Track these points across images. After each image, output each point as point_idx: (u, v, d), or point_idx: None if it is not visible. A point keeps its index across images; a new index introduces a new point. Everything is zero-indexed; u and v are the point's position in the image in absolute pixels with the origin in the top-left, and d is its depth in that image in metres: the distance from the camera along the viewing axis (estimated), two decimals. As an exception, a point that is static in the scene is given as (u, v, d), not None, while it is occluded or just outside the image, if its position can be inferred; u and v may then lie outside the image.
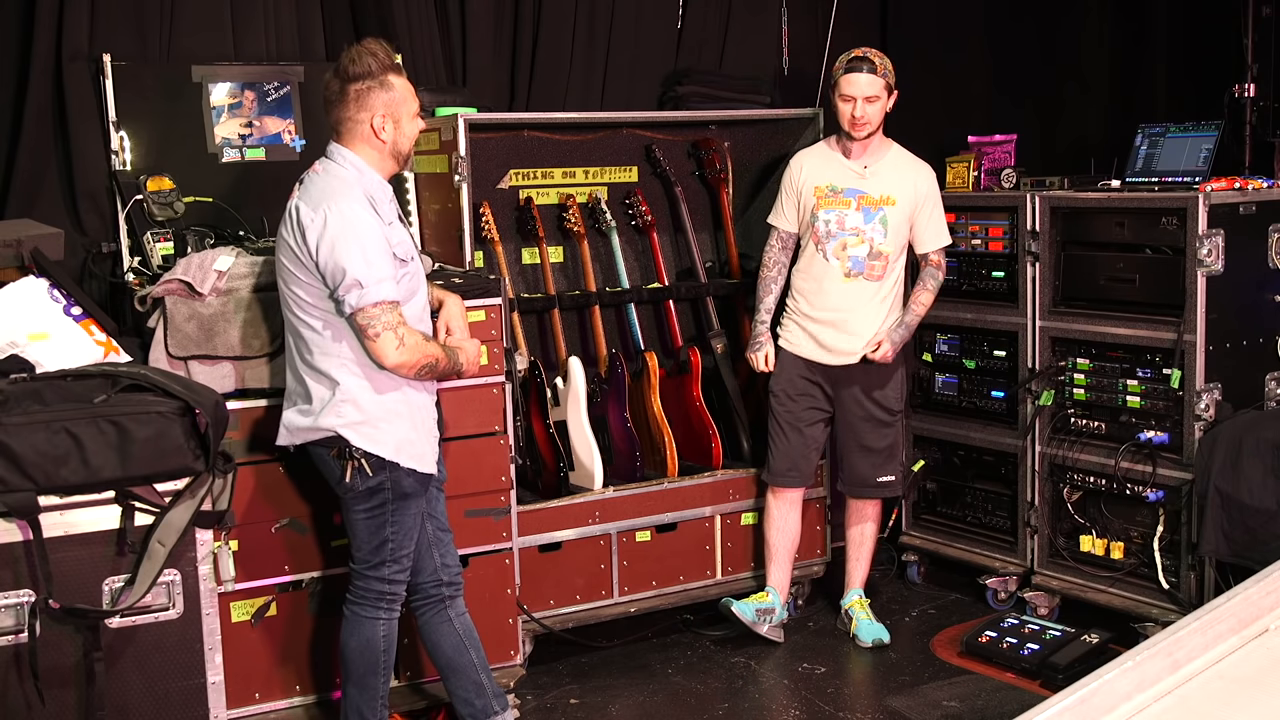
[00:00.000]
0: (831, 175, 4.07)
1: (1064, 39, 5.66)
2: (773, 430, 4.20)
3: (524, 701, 3.78)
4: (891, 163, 4.07)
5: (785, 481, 4.21)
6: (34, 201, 3.87)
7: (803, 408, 4.14)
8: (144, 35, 4.03)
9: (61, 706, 2.86)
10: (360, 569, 3.15)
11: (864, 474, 4.18)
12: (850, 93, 3.95)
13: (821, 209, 4.04)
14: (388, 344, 2.95)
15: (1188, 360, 3.84)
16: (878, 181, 4.03)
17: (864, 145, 4.04)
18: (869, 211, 4.01)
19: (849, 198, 4.03)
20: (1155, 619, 3.91)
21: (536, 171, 4.54)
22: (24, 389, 2.90)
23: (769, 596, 4.22)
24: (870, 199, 4.02)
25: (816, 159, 4.13)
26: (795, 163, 4.17)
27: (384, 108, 3.03)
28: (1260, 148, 4.75)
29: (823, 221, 4.04)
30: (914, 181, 4.06)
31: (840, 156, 4.08)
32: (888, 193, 4.02)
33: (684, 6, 5.01)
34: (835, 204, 4.03)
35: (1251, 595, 2.15)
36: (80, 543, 2.88)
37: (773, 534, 4.25)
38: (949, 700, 3.76)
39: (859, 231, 4.01)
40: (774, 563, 4.26)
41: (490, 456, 3.70)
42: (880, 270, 4.03)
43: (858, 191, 4.03)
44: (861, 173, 4.04)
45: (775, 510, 4.24)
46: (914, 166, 4.10)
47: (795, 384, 4.14)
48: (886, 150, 4.09)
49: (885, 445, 4.17)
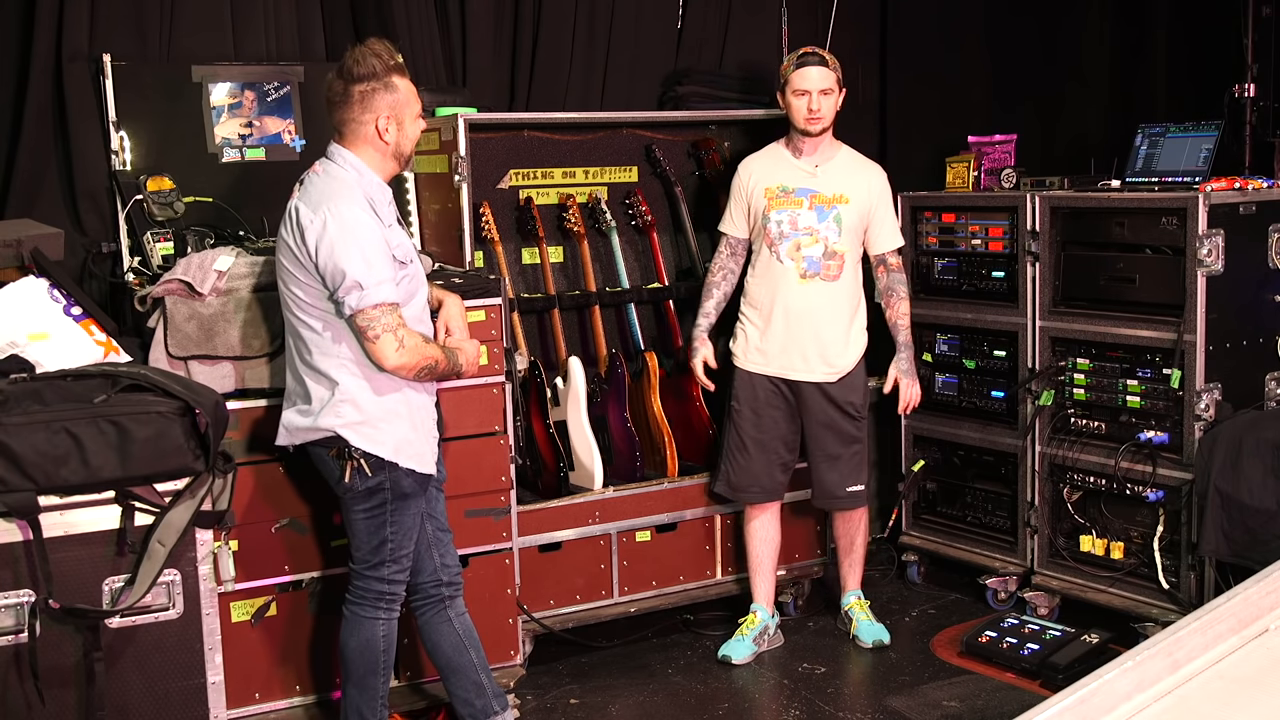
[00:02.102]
0: (782, 176, 4.02)
1: (1064, 39, 5.65)
2: (733, 443, 4.10)
3: (524, 701, 3.78)
4: (842, 162, 4.04)
5: (747, 497, 4.13)
6: (34, 201, 3.87)
7: (767, 423, 4.06)
8: (144, 35, 4.03)
9: (61, 706, 2.86)
10: (360, 569, 3.15)
11: (831, 485, 4.09)
12: (804, 86, 3.92)
13: (773, 210, 3.99)
14: (387, 346, 2.95)
15: (1188, 360, 3.84)
16: (830, 180, 3.99)
17: (815, 145, 4.00)
18: (822, 210, 3.96)
19: (801, 197, 3.98)
20: (1155, 619, 3.91)
21: (536, 171, 4.54)
22: (24, 389, 2.90)
23: (757, 617, 4.16)
24: (823, 197, 3.97)
25: (765, 161, 4.09)
26: (743, 167, 4.12)
27: (388, 109, 3.03)
28: (1260, 148, 4.75)
29: (775, 223, 3.99)
30: (867, 180, 4.02)
31: (790, 157, 4.04)
32: (840, 191, 3.97)
33: (684, 6, 5.02)
34: (787, 204, 3.99)
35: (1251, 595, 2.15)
36: (80, 543, 2.88)
37: (755, 544, 4.19)
38: (949, 700, 3.76)
39: (812, 231, 3.96)
40: (758, 574, 4.20)
41: (490, 456, 3.70)
42: (836, 270, 3.96)
43: (810, 190, 3.98)
44: (813, 171, 4.00)
45: (755, 522, 4.18)
46: (865, 166, 4.07)
47: (759, 398, 4.06)
48: (836, 150, 4.06)
49: (851, 452, 4.07)
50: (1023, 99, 5.57)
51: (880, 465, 5.13)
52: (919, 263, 4.68)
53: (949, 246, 4.59)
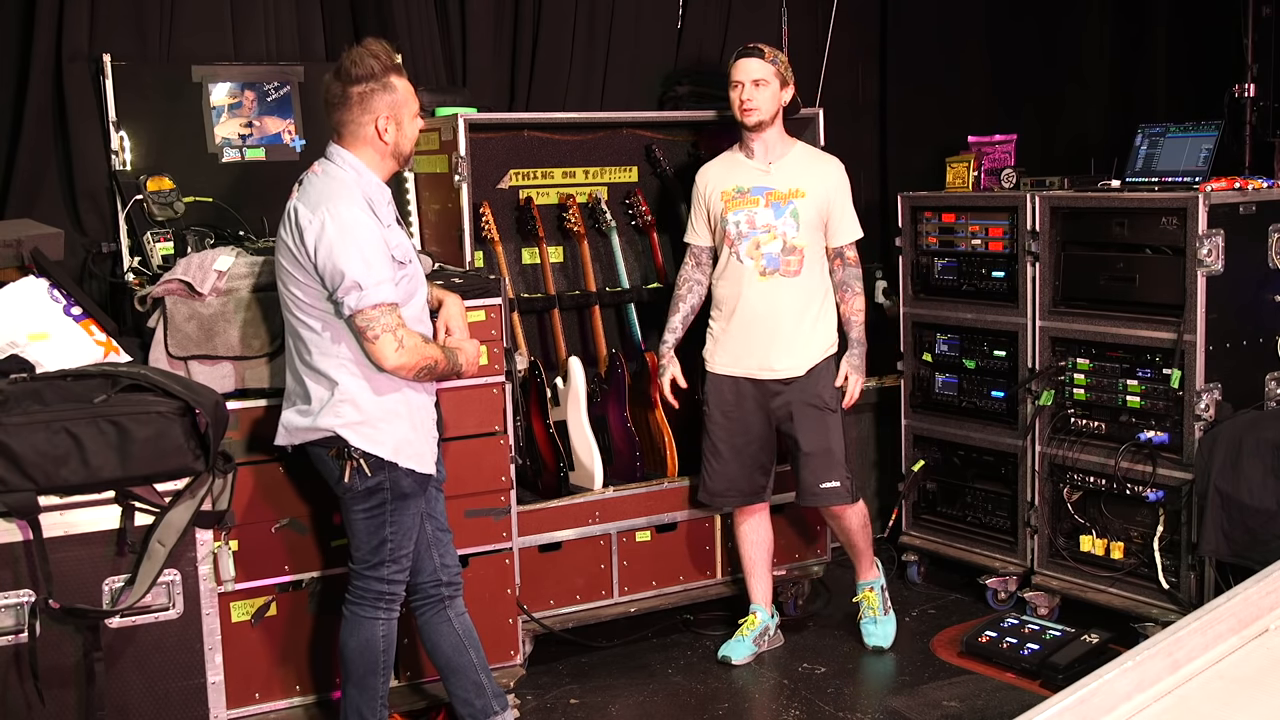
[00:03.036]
0: (736, 178, 4.02)
1: (1064, 39, 5.66)
2: (707, 450, 4.09)
3: (524, 701, 3.78)
4: (796, 158, 4.03)
5: (725, 502, 4.12)
6: (34, 201, 3.87)
7: (738, 426, 4.05)
8: (144, 35, 4.03)
9: (61, 706, 2.86)
10: (359, 569, 3.15)
11: (807, 481, 4.04)
12: (736, 77, 3.93)
13: (730, 211, 3.99)
14: (387, 346, 2.95)
15: (1188, 360, 3.84)
16: (784, 176, 3.98)
17: (765, 143, 3.99)
18: (779, 206, 3.96)
19: (756, 195, 3.98)
20: (1155, 619, 3.91)
21: (536, 171, 4.54)
22: (24, 389, 2.90)
23: (757, 618, 4.15)
24: (778, 194, 3.97)
25: (720, 166, 4.10)
26: (699, 175, 4.12)
27: (387, 110, 3.03)
28: (1260, 148, 4.76)
29: (733, 224, 3.98)
30: (822, 173, 4.01)
31: (743, 158, 4.04)
32: (795, 185, 3.97)
33: (684, 6, 5.02)
34: (743, 204, 3.99)
35: (1251, 595, 2.14)
36: (80, 543, 2.88)
37: (746, 548, 4.18)
38: (949, 700, 3.76)
39: (770, 228, 3.95)
40: (753, 577, 4.19)
41: (490, 456, 3.69)
42: (796, 265, 3.95)
43: (765, 189, 3.98)
44: (766, 169, 4.00)
45: (745, 525, 4.17)
46: (821, 159, 4.07)
47: (726, 400, 4.04)
48: (790, 147, 4.05)
49: (823, 448, 4.00)
50: (1023, 99, 5.57)
51: (880, 465, 5.14)
52: (919, 263, 4.68)
53: (949, 246, 4.59)
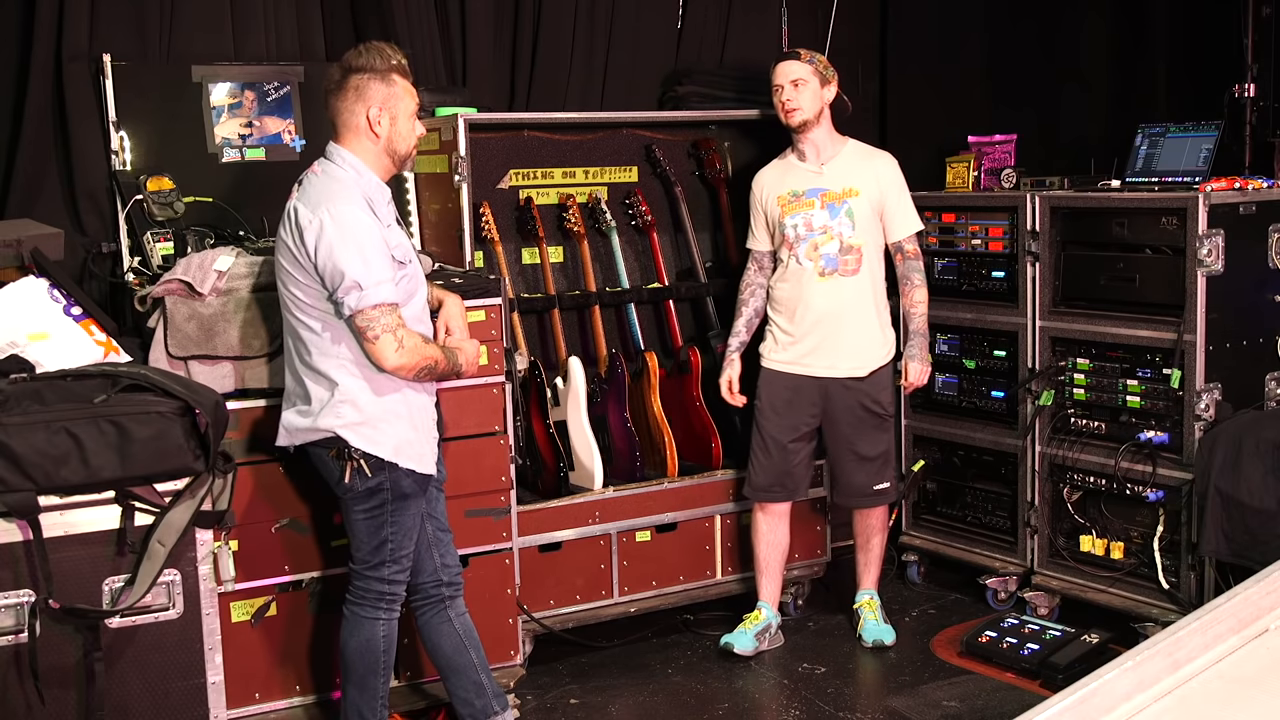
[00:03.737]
0: (790, 182, 4.07)
1: (1064, 39, 5.65)
2: (756, 444, 4.13)
3: (524, 701, 3.78)
4: (848, 156, 4.06)
5: (769, 496, 4.14)
6: (34, 201, 3.87)
7: (788, 422, 4.08)
8: (144, 35, 4.03)
9: (61, 706, 2.86)
10: (360, 569, 3.15)
11: (859, 483, 4.12)
12: (777, 80, 4.01)
13: (787, 215, 4.04)
14: (387, 346, 2.95)
15: (1188, 360, 3.84)
16: (836, 176, 4.03)
17: (815, 144, 4.03)
18: (834, 207, 4.00)
19: (811, 198, 4.02)
20: (1155, 619, 3.91)
21: (536, 171, 4.54)
22: (24, 389, 2.90)
23: (762, 614, 4.17)
24: (832, 194, 4.01)
25: (774, 171, 4.15)
26: (756, 181, 4.18)
27: (381, 101, 3.03)
28: (1260, 148, 4.75)
29: (790, 227, 4.03)
30: (875, 170, 4.04)
31: (795, 161, 4.09)
32: (849, 185, 4.01)
33: (684, 6, 5.02)
34: (799, 207, 4.03)
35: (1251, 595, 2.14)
36: (80, 543, 2.88)
37: (762, 548, 4.21)
38: (949, 700, 3.76)
39: (826, 228, 4.00)
40: (764, 576, 4.21)
41: (490, 456, 3.70)
42: (854, 264, 3.99)
43: (819, 190, 4.02)
44: (819, 171, 4.04)
45: (764, 525, 4.19)
46: (872, 155, 4.10)
47: (780, 395, 4.08)
48: (841, 146, 4.09)
49: (879, 452, 4.11)
50: (1023, 99, 5.57)
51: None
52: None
53: (949, 246, 4.59)
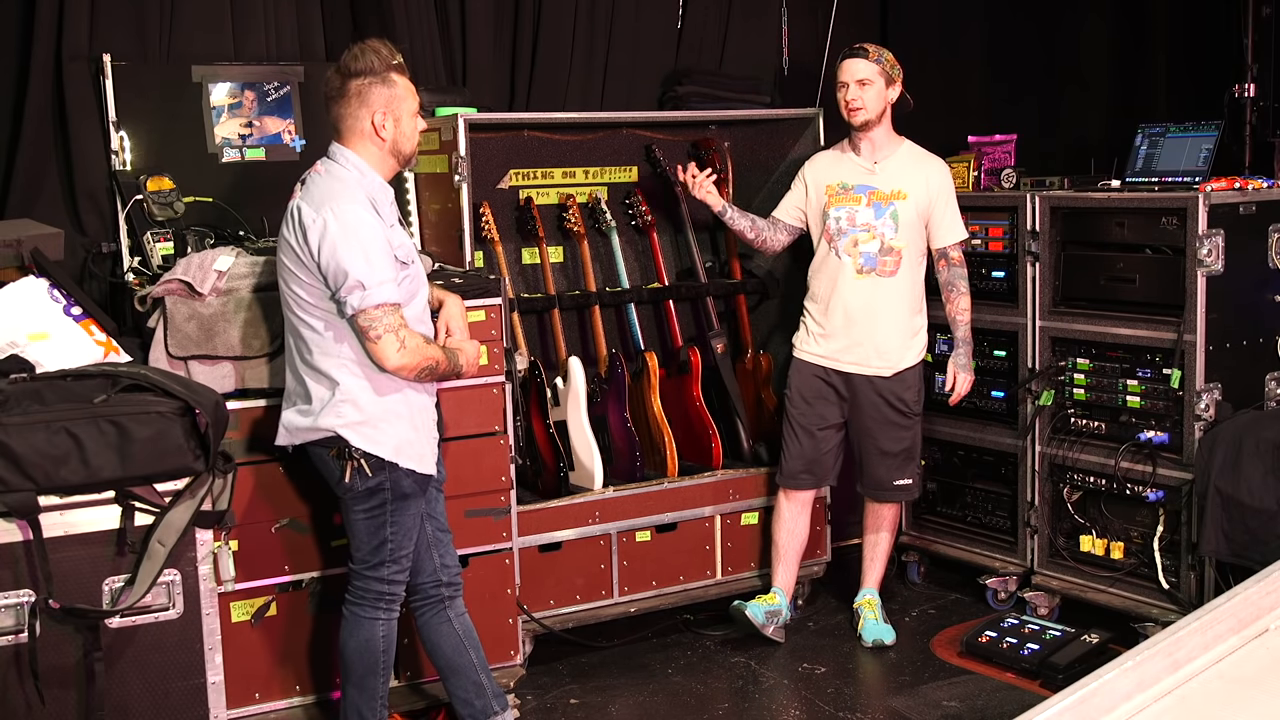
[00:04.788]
0: (842, 173, 4.09)
1: (1064, 39, 5.65)
2: (786, 432, 4.20)
3: (524, 701, 3.78)
4: (902, 158, 4.08)
5: (798, 484, 4.19)
6: (34, 201, 3.87)
7: (817, 412, 4.13)
8: (144, 35, 4.03)
9: (61, 706, 2.86)
10: (359, 569, 3.15)
11: (880, 478, 4.17)
12: (842, 79, 4.01)
13: (832, 206, 4.06)
14: (389, 346, 2.95)
15: (1188, 360, 3.84)
16: (888, 176, 4.04)
17: (872, 141, 4.05)
18: (880, 207, 4.02)
19: (859, 194, 4.04)
20: (1155, 619, 3.91)
21: (536, 171, 4.54)
22: (24, 389, 2.90)
23: (776, 599, 4.20)
24: (881, 194, 4.03)
25: (828, 159, 4.17)
26: (810, 163, 4.22)
27: (384, 104, 3.03)
28: (1260, 148, 4.75)
29: (834, 219, 4.05)
30: (926, 176, 4.05)
31: (851, 155, 4.11)
32: (899, 187, 4.02)
33: (684, 6, 5.02)
34: (845, 201, 4.05)
35: (1251, 595, 2.15)
36: (80, 543, 2.88)
37: (782, 535, 4.24)
38: (949, 700, 3.76)
39: (869, 227, 4.02)
40: (781, 563, 4.25)
41: (490, 456, 3.70)
42: (893, 266, 4.01)
43: (868, 187, 4.04)
44: (871, 169, 4.05)
45: (786, 512, 4.23)
46: (926, 161, 4.10)
47: (810, 386, 4.13)
48: (897, 146, 4.09)
49: (902, 449, 4.14)
50: (1023, 99, 5.57)
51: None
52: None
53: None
